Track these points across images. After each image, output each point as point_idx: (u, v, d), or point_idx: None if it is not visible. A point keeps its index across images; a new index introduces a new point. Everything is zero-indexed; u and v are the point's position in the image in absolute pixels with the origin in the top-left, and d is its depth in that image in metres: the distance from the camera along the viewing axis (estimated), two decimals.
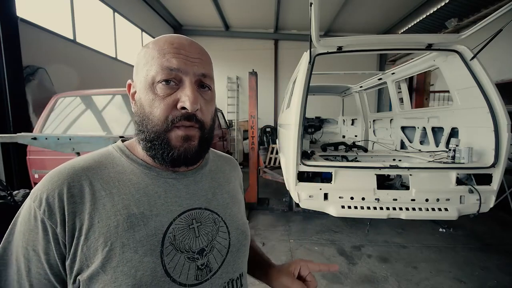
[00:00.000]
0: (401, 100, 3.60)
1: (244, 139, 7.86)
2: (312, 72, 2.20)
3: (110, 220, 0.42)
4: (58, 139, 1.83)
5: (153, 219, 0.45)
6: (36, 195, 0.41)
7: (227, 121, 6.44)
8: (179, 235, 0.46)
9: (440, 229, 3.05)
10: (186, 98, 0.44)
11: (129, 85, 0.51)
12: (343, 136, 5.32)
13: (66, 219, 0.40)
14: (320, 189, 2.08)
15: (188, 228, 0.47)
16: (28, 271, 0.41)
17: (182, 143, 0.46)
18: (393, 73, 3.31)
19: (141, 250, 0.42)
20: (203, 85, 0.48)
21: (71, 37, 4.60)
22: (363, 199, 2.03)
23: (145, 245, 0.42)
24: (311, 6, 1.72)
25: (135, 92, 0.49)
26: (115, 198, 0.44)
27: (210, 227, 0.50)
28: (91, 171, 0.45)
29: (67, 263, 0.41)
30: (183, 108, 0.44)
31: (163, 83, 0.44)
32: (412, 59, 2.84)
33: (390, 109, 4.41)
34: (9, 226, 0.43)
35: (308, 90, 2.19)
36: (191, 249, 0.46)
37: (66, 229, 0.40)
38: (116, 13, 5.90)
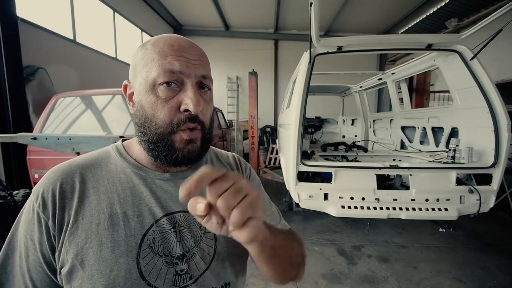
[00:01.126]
0: (401, 100, 3.60)
1: (244, 139, 7.86)
2: (312, 72, 2.20)
3: (93, 218, 0.43)
4: (58, 139, 1.83)
5: (134, 220, 0.45)
6: (35, 190, 0.45)
7: (227, 121, 6.43)
8: (159, 238, 0.45)
9: (440, 229, 3.05)
10: (189, 100, 0.44)
11: (125, 86, 0.51)
12: (343, 136, 5.31)
13: (56, 213, 0.42)
14: (320, 189, 2.08)
15: (169, 231, 0.47)
16: (27, 257, 0.43)
17: (185, 146, 0.46)
18: (393, 73, 3.31)
19: (117, 250, 0.42)
20: (203, 86, 0.48)
21: (71, 37, 4.61)
22: (363, 199, 2.03)
23: (122, 245, 0.43)
24: (311, 6, 1.72)
25: (132, 93, 0.49)
26: (101, 196, 0.45)
27: (194, 232, 0.49)
28: (85, 169, 0.47)
29: (56, 254, 0.42)
30: (186, 110, 0.45)
31: (165, 85, 0.44)
32: (412, 59, 2.84)
33: (390, 109, 4.41)
34: (17, 216, 0.47)
35: (308, 90, 2.20)
36: (170, 254, 0.45)
37: (56, 223, 0.42)
38: (116, 13, 5.90)
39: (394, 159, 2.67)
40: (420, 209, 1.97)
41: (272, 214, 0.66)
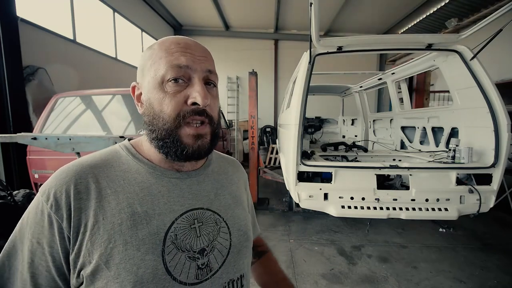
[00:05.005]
0: (401, 100, 3.60)
1: (244, 139, 7.85)
2: (312, 72, 2.20)
3: (115, 218, 0.43)
4: (58, 139, 1.83)
5: (155, 218, 0.46)
6: (45, 190, 0.43)
7: (227, 121, 6.43)
8: (181, 234, 0.47)
9: (440, 229, 3.05)
10: (196, 93, 0.45)
11: (134, 87, 0.52)
12: (343, 136, 5.31)
13: (72, 215, 0.42)
14: (320, 189, 2.08)
15: (189, 227, 0.48)
16: (31, 263, 0.42)
17: (194, 141, 0.47)
18: (393, 73, 3.31)
19: (143, 248, 0.43)
20: (209, 82, 0.50)
21: (71, 37, 4.61)
22: (363, 199, 2.03)
23: (147, 243, 0.43)
24: (311, 6, 1.72)
25: (140, 94, 0.50)
26: (119, 196, 0.45)
27: (212, 227, 0.51)
28: (98, 169, 0.47)
29: (71, 257, 0.42)
30: (194, 103, 0.46)
31: (172, 81, 0.45)
32: (412, 59, 2.84)
33: (390, 109, 4.41)
34: (20, 219, 0.45)
35: (308, 90, 2.19)
36: (192, 249, 0.47)
37: (72, 224, 0.42)
38: (116, 13, 5.90)
39: (394, 159, 2.67)
40: (420, 209, 1.97)
41: (255, 227, 0.72)
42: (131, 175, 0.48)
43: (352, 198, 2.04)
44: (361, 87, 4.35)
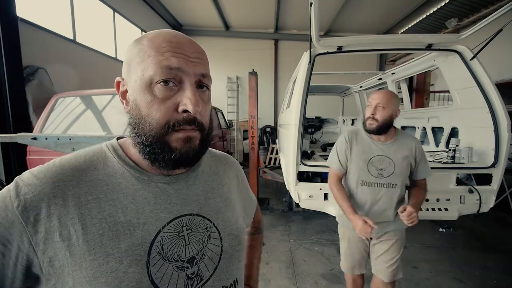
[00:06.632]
0: (401, 100, 3.61)
1: (244, 139, 7.86)
2: (312, 72, 2.20)
3: (95, 228, 0.40)
4: (58, 139, 1.84)
5: (140, 228, 0.42)
6: (18, 185, 0.39)
7: (227, 121, 6.43)
8: (168, 244, 0.44)
9: (440, 229, 3.05)
10: (188, 101, 0.42)
11: (118, 83, 0.47)
12: None
13: (41, 219, 0.37)
14: (320, 189, 2.08)
15: (177, 236, 0.45)
16: None
17: (183, 145, 0.44)
18: (393, 73, 3.31)
19: (126, 260, 0.40)
20: (202, 85, 0.46)
21: (71, 37, 4.61)
22: None
23: (131, 255, 0.40)
24: (311, 6, 1.72)
25: (125, 91, 0.46)
26: (101, 204, 0.41)
27: (201, 234, 0.48)
28: (80, 172, 0.43)
29: (44, 266, 0.37)
30: (185, 111, 0.42)
31: (162, 83, 0.41)
32: (412, 59, 2.84)
33: None
34: None
35: (308, 90, 2.19)
36: (180, 258, 0.45)
37: (41, 230, 0.37)
38: (116, 13, 5.90)
39: None
40: (420, 209, 1.97)
41: (251, 204, 0.76)
42: (116, 179, 0.44)
43: None
44: (361, 87, 4.36)
